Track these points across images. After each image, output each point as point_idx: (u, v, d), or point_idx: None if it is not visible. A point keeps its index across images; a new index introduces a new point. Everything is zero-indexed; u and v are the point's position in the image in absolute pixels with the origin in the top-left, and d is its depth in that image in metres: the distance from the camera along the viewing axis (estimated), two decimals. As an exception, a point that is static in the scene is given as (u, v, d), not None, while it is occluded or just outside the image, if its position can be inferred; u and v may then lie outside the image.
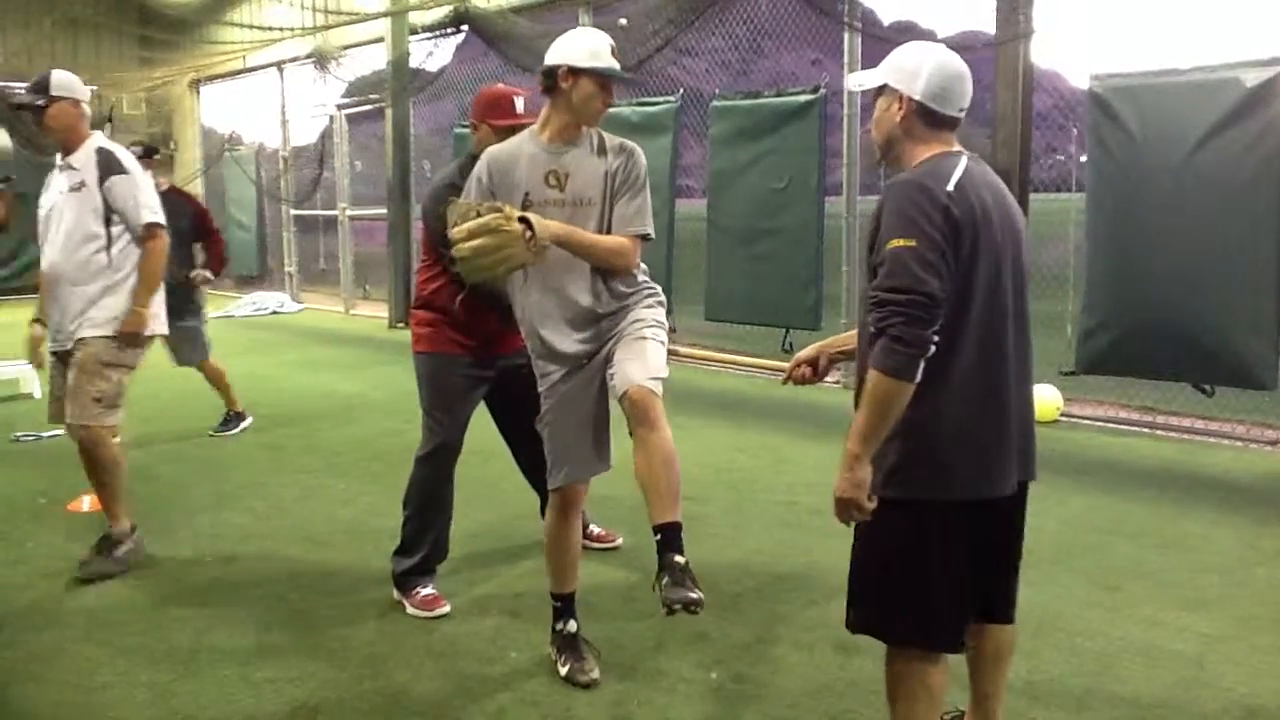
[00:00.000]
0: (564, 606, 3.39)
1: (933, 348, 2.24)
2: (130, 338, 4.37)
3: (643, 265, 3.26)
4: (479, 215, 2.87)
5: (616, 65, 3.15)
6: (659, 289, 3.32)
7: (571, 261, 3.10)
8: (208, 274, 6.93)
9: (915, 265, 2.24)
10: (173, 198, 6.40)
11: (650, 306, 3.22)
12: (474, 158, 3.88)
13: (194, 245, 6.82)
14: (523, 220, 2.88)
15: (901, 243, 2.26)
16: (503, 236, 2.85)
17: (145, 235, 4.39)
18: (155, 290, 4.46)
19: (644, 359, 3.06)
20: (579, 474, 3.24)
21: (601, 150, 3.18)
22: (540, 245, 2.90)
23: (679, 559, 2.87)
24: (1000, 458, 2.41)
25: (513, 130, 3.81)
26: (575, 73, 3.08)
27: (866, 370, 2.33)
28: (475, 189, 3.17)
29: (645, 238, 3.19)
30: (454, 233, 2.90)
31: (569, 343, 3.16)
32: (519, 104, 3.87)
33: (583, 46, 3.11)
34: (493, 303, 3.60)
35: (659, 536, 2.92)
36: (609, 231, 3.15)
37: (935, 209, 2.28)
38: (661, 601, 2.82)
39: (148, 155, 6.38)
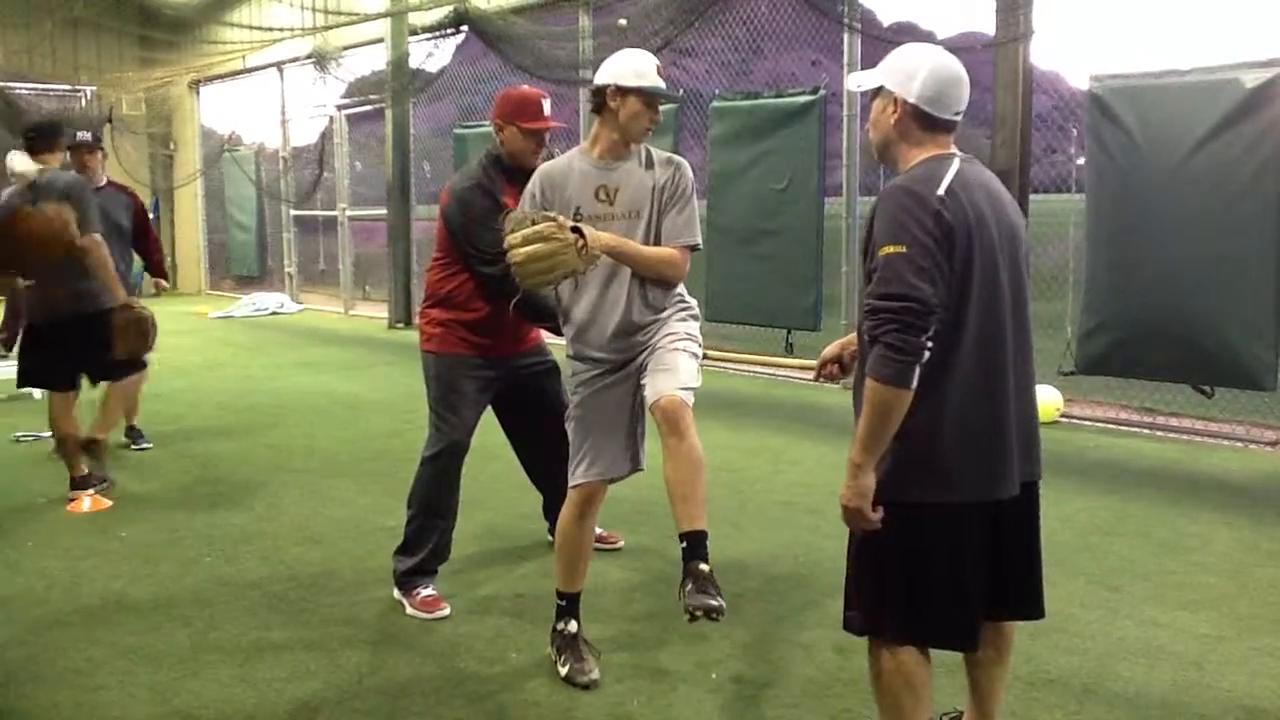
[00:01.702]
0: (568, 605, 3.40)
1: (927, 354, 2.25)
2: None
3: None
4: (534, 224, 2.98)
5: (662, 84, 3.25)
6: (694, 304, 3.40)
7: (615, 272, 3.19)
8: (163, 283, 6.73)
9: (907, 272, 2.24)
10: (111, 192, 6.30)
11: (684, 320, 3.30)
12: (497, 158, 3.89)
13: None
14: (575, 230, 2.99)
15: (893, 249, 2.27)
16: (556, 245, 2.95)
17: None
18: None
19: (675, 370, 3.14)
20: (599, 472, 3.27)
21: (649, 164, 3.27)
22: (592, 254, 3.00)
23: (703, 567, 2.91)
24: (1001, 459, 2.42)
25: (540, 134, 3.83)
26: (623, 91, 3.18)
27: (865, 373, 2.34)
28: (529, 203, 3.27)
29: (694, 248, 3.30)
30: (509, 239, 3.00)
31: (605, 348, 3.24)
32: (547, 106, 3.88)
33: (629, 66, 3.21)
34: (536, 312, 3.65)
35: (685, 544, 2.97)
36: (656, 243, 3.24)
37: (926, 214, 2.28)
38: (684, 608, 2.87)
39: (92, 148, 6.21)
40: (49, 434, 6.69)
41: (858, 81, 2.59)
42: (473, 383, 3.95)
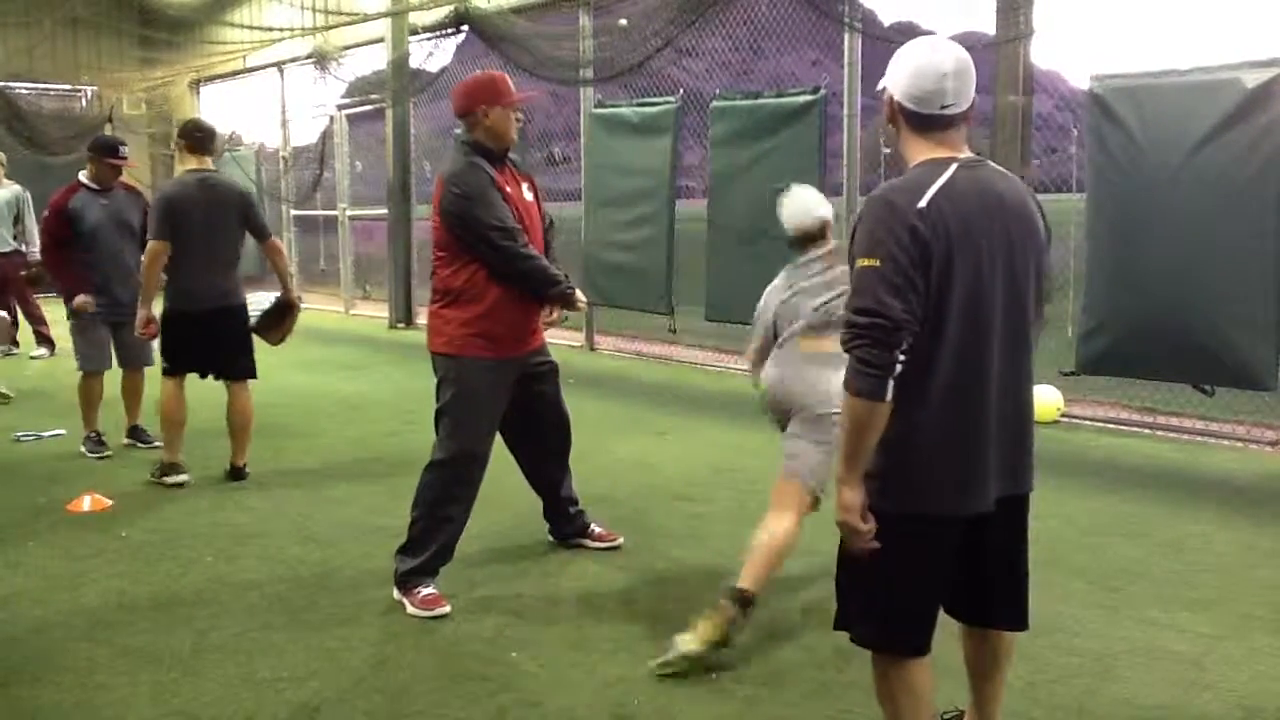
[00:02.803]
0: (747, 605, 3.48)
1: (899, 367, 2.23)
2: None
3: None
4: None
5: None
6: None
7: None
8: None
9: (879, 287, 2.23)
10: (122, 193, 6.36)
11: None
12: (475, 144, 3.92)
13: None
14: None
15: (867, 263, 2.26)
16: None
17: None
18: None
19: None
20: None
21: None
22: None
23: None
24: (975, 475, 2.38)
25: (515, 106, 3.93)
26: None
27: None
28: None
29: None
30: None
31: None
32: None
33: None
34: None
35: None
36: None
37: (902, 229, 2.25)
38: None
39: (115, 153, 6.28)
40: (49, 434, 6.73)
41: (882, 83, 2.58)
42: (489, 388, 3.93)
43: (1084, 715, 3.09)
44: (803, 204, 3.80)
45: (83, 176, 6.28)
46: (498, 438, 4.15)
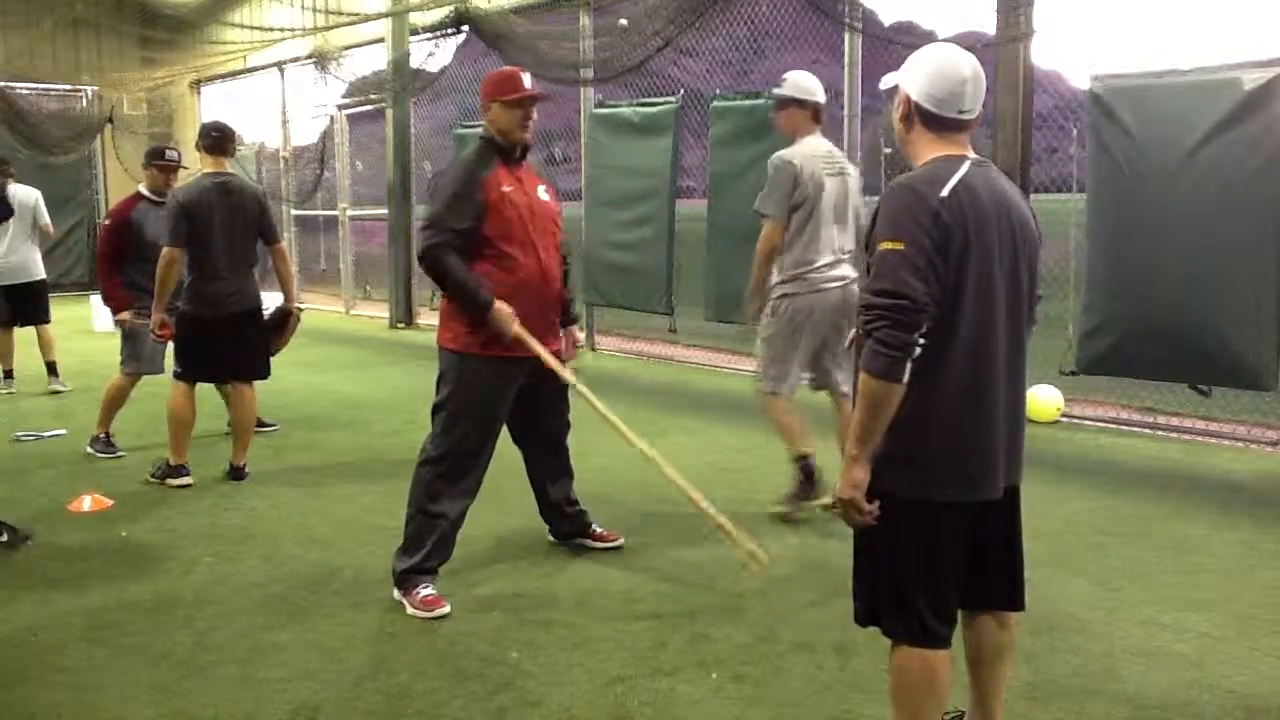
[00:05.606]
0: None
1: (918, 350, 2.28)
2: None
3: None
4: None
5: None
6: None
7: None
8: None
9: (902, 269, 2.28)
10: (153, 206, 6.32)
11: None
12: (489, 140, 3.93)
13: None
14: None
15: (890, 246, 2.32)
16: None
17: None
18: None
19: None
20: None
21: None
22: None
23: None
24: (984, 462, 2.43)
25: (522, 104, 3.88)
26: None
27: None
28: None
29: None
30: None
31: None
32: (526, 80, 3.95)
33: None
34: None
35: None
36: None
37: (925, 214, 2.31)
38: None
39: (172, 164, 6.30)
40: (49, 434, 6.73)
41: (886, 80, 2.64)
42: (489, 387, 3.92)
43: (1084, 715, 3.09)
44: None
45: (142, 188, 6.29)
46: (503, 437, 4.15)
